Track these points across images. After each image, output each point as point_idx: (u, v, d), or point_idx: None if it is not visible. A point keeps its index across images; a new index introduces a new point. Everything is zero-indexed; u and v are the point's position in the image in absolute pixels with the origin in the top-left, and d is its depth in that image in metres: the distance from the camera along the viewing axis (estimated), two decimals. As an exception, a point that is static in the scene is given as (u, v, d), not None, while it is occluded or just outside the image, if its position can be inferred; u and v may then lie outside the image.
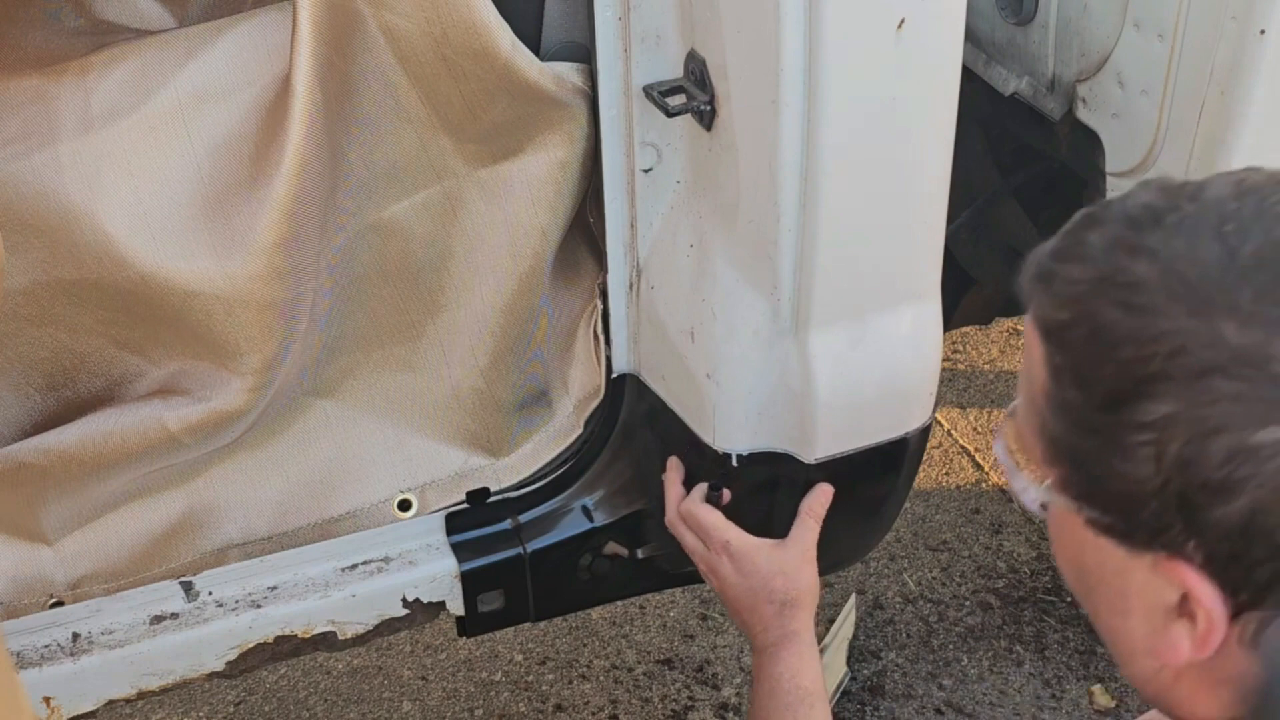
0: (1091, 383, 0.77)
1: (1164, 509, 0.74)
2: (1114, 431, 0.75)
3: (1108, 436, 0.75)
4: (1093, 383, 0.77)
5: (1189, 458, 0.72)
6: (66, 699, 1.42)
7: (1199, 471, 0.72)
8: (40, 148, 1.21)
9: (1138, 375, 0.74)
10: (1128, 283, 0.75)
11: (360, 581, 1.50)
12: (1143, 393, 0.73)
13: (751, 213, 1.29)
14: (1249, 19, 1.33)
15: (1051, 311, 0.79)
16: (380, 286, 1.41)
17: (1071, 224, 0.81)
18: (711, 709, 2.42)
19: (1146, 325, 0.73)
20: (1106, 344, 0.75)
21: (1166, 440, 0.73)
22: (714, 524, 1.40)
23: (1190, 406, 0.72)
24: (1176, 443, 0.72)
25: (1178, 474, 0.73)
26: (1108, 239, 0.78)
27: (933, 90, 1.22)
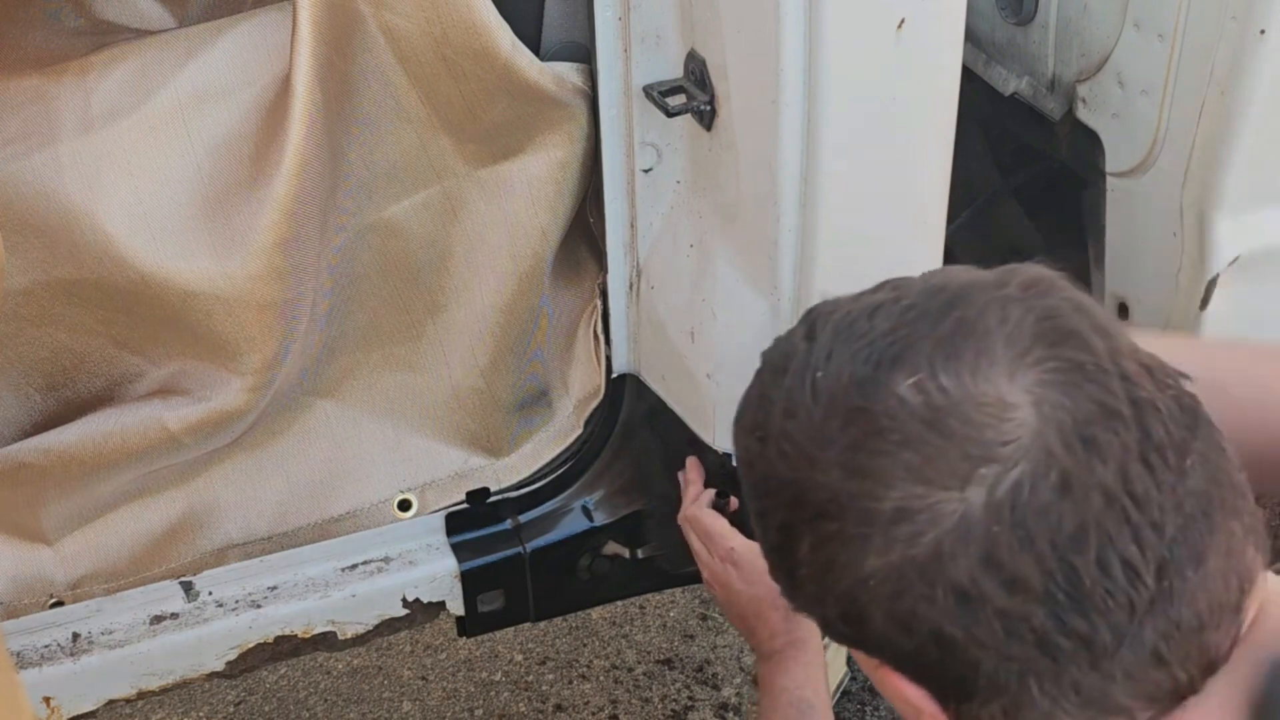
0: (759, 527, 0.86)
1: (842, 634, 0.83)
2: (787, 571, 0.84)
3: (786, 575, 0.85)
4: (759, 527, 0.86)
5: (823, 594, 0.81)
6: (66, 699, 1.42)
7: (835, 604, 0.80)
8: (40, 148, 1.21)
9: (775, 521, 0.83)
10: (761, 436, 0.83)
11: (360, 581, 1.50)
12: (786, 537, 0.82)
13: (751, 213, 1.29)
14: (1249, 19, 1.33)
15: (735, 457, 0.89)
16: (380, 286, 1.41)
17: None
18: (711, 709, 2.42)
19: (770, 474, 0.82)
20: (755, 493, 0.85)
21: (808, 579, 0.82)
22: (718, 531, 1.39)
23: (812, 547, 0.80)
24: (812, 583, 0.81)
25: (826, 607, 0.81)
26: (756, 386, 0.87)
27: (933, 90, 1.22)
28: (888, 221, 1.28)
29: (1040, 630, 0.74)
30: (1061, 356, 0.76)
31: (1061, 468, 0.73)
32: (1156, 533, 0.74)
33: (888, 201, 1.27)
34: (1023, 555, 0.73)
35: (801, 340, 0.83)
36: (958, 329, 0.77)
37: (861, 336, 0.79)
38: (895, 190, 1.26)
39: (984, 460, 0.74)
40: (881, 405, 0.76)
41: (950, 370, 0.75)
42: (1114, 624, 0.74)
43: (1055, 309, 0.79)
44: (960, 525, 0.74)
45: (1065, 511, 0.73)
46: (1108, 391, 0.75)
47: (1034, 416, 0.74)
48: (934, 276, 0.83)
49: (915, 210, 1.29)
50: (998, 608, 0.74)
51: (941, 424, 0.74)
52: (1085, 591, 0.73)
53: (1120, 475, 0.73)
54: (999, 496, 0.73)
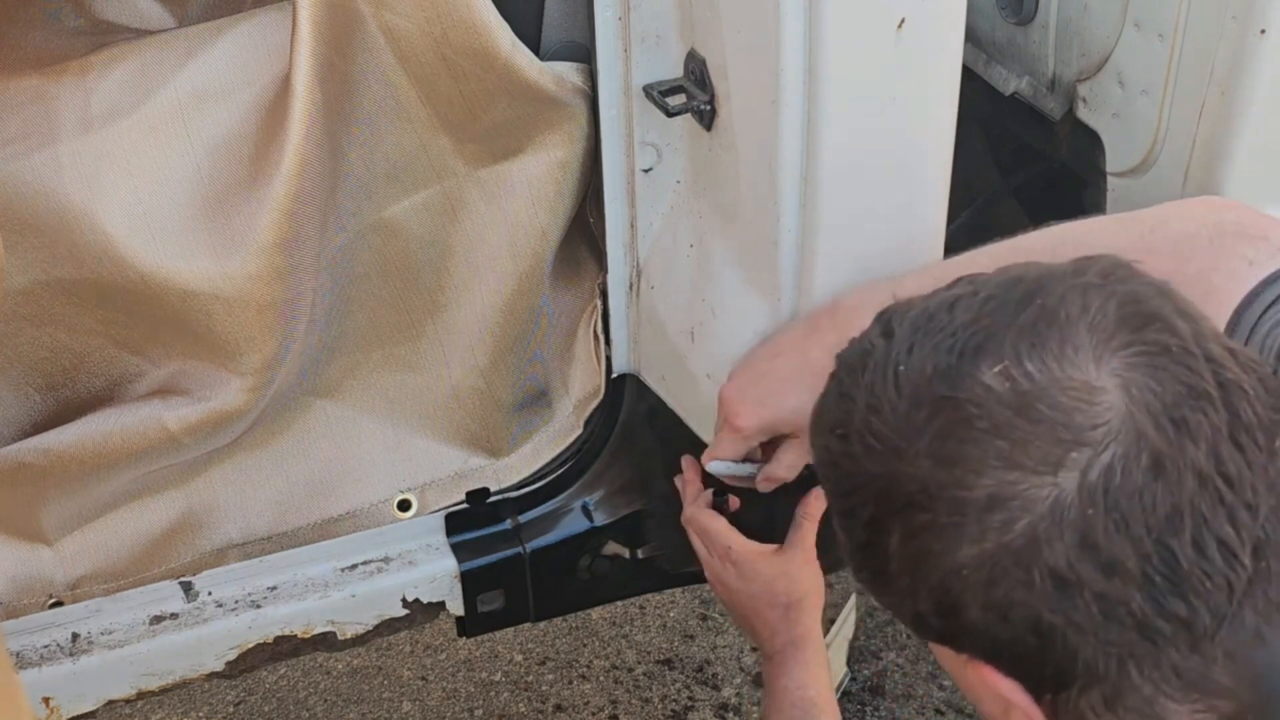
0: (845, 527, 0.86)
1: (934, 629, 0.82)
2: (875, 568, 0.84)
3: (874, 573, 0.84)
4: (845, 527, 0.86)
5: (916, 586, 0.80)
6: (66, 699, 1.42)
7: (928, 597, 0.80)
8: (40, 148, 1.21)
9: (863, 517, 0.82)
10: (843, 434, 0.83)
11: (360, 582, 1.50)
12: (875, 532, 0.82)
13: (751, 213, 1.29)
14: (1249, 19, 1.33)
15: (814, 459, 0.89)
16: (380, 286, 1.41)
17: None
18: (711, 709, 2.42)
19: (856, 471, 0.82)
20: (839, 491, 0.85)
21: (900, 573, 0.81)
22: (716, 530, 1.40)
23: (903, 540, 0.80)
24: (904, 577, 0.81)
25: (918, 600, 0.81)
26: (834, 387, 0.87)
27: (933, 90, 1.22)
28: (888, 221, 1.28)
29: (1139, 614, 0.74)
30: (1146, 340, 0.76)
31: (1153, 450, 0.74)
32: (1251, 513, 0.74)
33: (888, 201, 1.26)
34: (1118, 538, 0.73)
35: (879, 338, 0.84)
36: (1040, 317, 0.78)
37: (942, 329, 0.80)
38: (895, 190, 1.26)
39: (1075, 444, 0.74)
40: (968, 394, 0.76)
41: (1035, 357, 0.76)
42: (1213, 606, 0.74)
43: (1137, 294, 0.79)
44: (1054, 510, 0.74)
45: (1159, 493, 0.73)
46: (1194, 374, 0.75)
47: (1123, 399, 0.75)
48: (1009, 270, 0.84)
49: (915, 210, 1.29)
50: (1095, 591, 0.74)
51: (1030, 409, 0.75)
52: (1183, 574, 0.73)
53: (1212, 456, 0.74)
54: (1092, 480, 0.74)
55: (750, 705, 2.42)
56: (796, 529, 1.38)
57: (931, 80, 1.21)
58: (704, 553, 1.42)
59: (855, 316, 1.20)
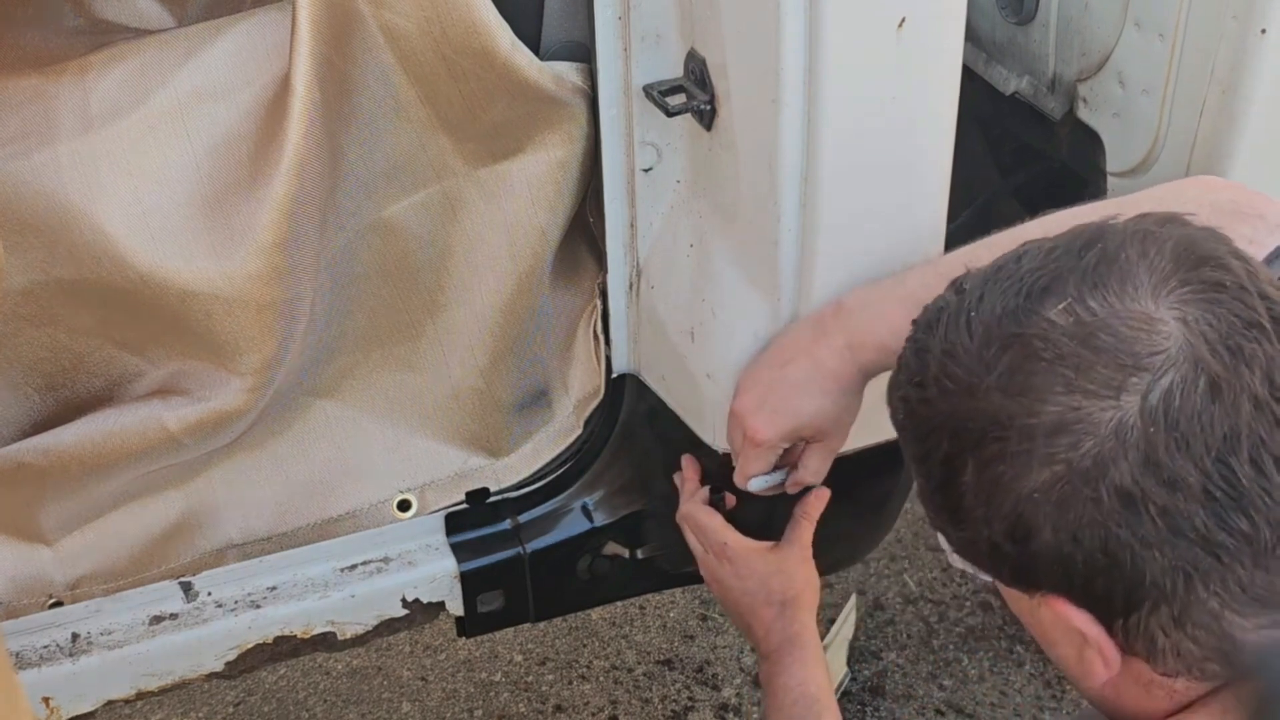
0: (922, 471, 0.90)
1: (1009, 560, 0.85)
2: (951, 506, 0.87)
3: (950, 511, 0.88)
4: (923, 471, 0.90)
5: (990, 515, 0.84)
6: (65, 699, 1.42)
7: (1001, 524, 0.83)
8: (39, 147, 1.21)
9: (938, 456, 0.86)
10: (919, 381, 0.88)
11: (360, 582, 1.50)
12: (950, 469, 0.85)
13: (751, 213, 1.29)
14: (1250, 18, 1.33)
15: (893, 415, 0.94)
16: (380, 286, 1.41)
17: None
18: (711, 709, 2.42)
19: (932, 414, 0.86)
20: (917, 437, 0.89)
21: (974, 505, 0.84)
22: (712, 527, 1.40)
23: (976, 471, 0.83)
24: (981, 506, 0.84)
25: (993, 529, 0.84)
26: (910, 346, 0.91)
27: (933, 89, 1.22)
28: (888, 221, 1.28)
29: (1202, 529, 0.77)
30: (1202, 278, 0.81)
31: (1210, 374, 0.77)
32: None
33: (888, 201, 1.26)
34: (1180, 456, 0.77)
35: (951, 295, 0.89)
36: (1101, 260, 0.82)
37: (1010, 277, 0.85)
38: (895, 190, 1.26)
39: (1135, 369, 0.78)
40: (1035, 329, 0.81)
41: (1097, 295, 0.81)
42: (1273, 520, 0.77)
43: (1192, 236, 0.84)
44: (1119, 431, 0.78)
45: (1217, 415, 0.77)
46: (1248, 308, 0.79)
47: (1180, 329, 0.79)
48: (1070, 229, 0.88)
49: (915, 210, 1.29)
50: (1160, 506, 0.77)
51: (1092, 339, 0.79)
52: (1242, 489, 0.77)
53: (1267, 382, 0.78)
54: (1152, 403, 0.78)
55: (750, 705, 2.42)
56: (794, 526, 1.38)
57: (932, 80, 1.21)
58: (699, 549, 1.42)
59: (861, 315, 1.21)
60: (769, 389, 1.28)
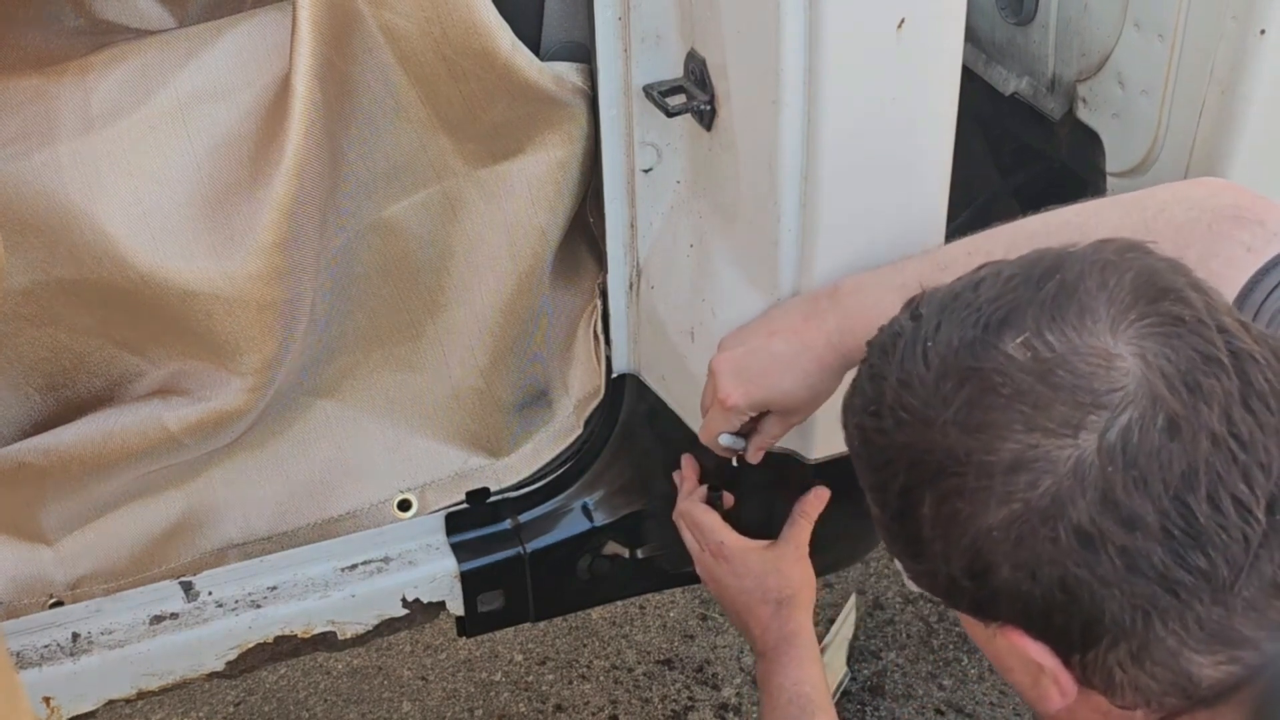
0: (878, 501, 0.88)
1: (967, 593, 0.84)
2: (908, 538, 0.86)
3: (907, 542, 0.87)
4: (879, 501, 0.88)
5: (948, 551, 0.83)
6: (66, 699, 1.42)
7: (959, 560, 0.82)
8: (40, 147, 1.21)
9: (895, 488, 0.85)
10: (875, 411, 0.86)
11: (360, 581, 1.50)
12: (907, 502, 0.84)
13: (751, 213, 1.29)
14: (1249, 19, 1.33)
15: (847, 440, 0.92)
16: (380, 286, 1.41)
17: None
18: (711, 709, 2.42)
19: (888, 445, 0.85)
20: (872, 466, 0.88)
21: (932, 539, 0.83)
22: (709, 525, 1.40)
23: (934, 506, 0.82)
24: (937, 542, 0.83)
25: (951, 564, 0.83)
26: (865, 369, 0.90)
27: (933, 90, 1.22)
28: (888, 221, 1.28)
29: (1160, 566, 0.77)
30: (1161, 311, 0.80)
31: (1168, 412, 0.77)
32: (1264, 472, 0.77)
33: (888, 201, 1.27)
34: (1137, 495, 0.76)
35: (907, 321, 0.87)
36: (1060, 291, 0.81)
37: (967, 306, 0.84)
38: (895, 190, 1.26)
39: (1093, 407, 0.77)
40: (992, 363, 0.80)
41: (1055, 328, 0.80)
42: (1230, 558, 0.77)
43: (1152, 268, 0.83)
44: (1076, 470, 0.77)
45: (1175, 453, 0.76)
46: (1207, 342, 0.79)
47: (1139, 365, 0.78)
48: (1029, 254, 0.87)
49: (915, 210, 1.29)
50: (1118, 545, 0.77)
51: (1050, 376, 0.78)
52: (1200, 528, 0.76)
53: (1225, 418, 0.77)
54: (1110, 440, 0.77)
55: (750, 705, 2.42)
56: (792, 525, 1.38)
57: (931, 80, 1.21)
58: (696, 548, 1.43)
59: (856, 300, 1.21)
60: (749, 355, 1.28)
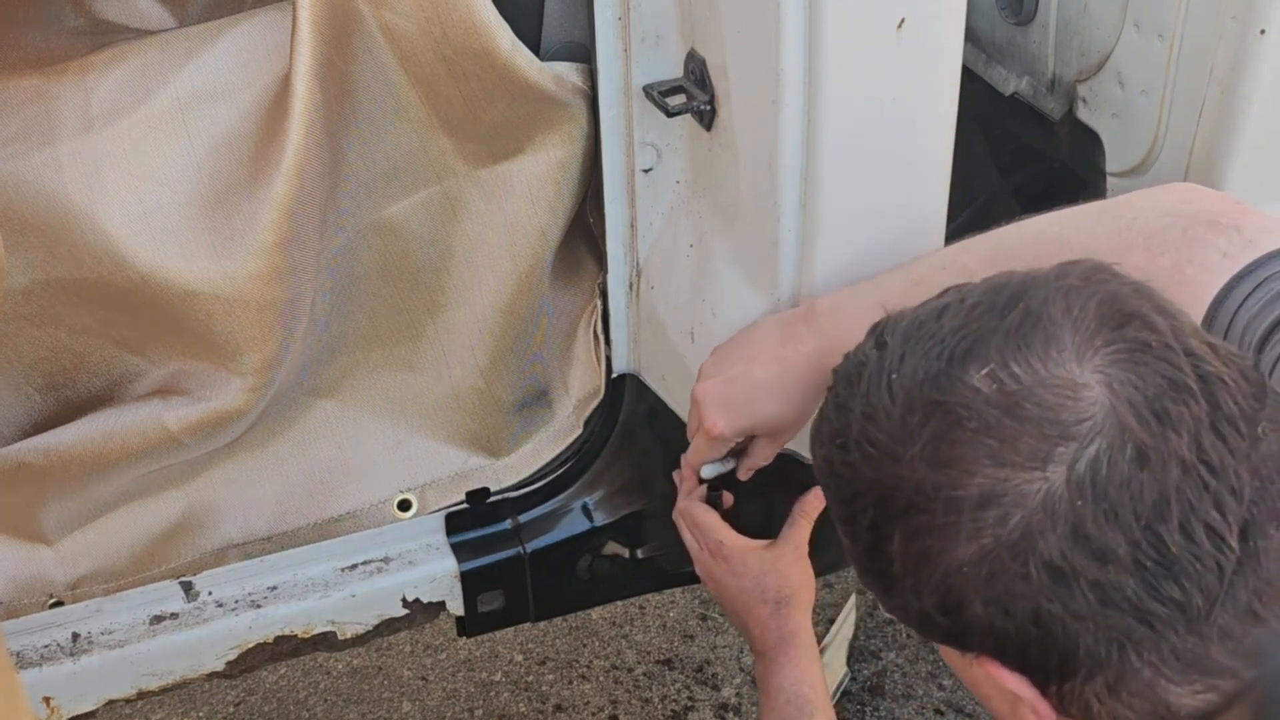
0: (848, 533, 0.88)
1: (940, 627, 0.84)
2: (879, 571, 0.85)
3: (878, 576, 0.86)
4: (849, 533, 0.87)
5: (920, 586, 0.82)
6: (66, 699, 1.42)
7: (931, 596, 0.82)
8: (40, 147, 1.21)
9: (864, 523, 0.84)
10: (841, 443, 0.85)
11: (360, 581, 1.50)
12: (877, 536, 0.84)
13: (751, 213, 1.29)
14: (1249, 19, 1.33)
15: (815, 469, 0.91)
16: (380, 286, 1.41)
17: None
18: (711, 709, 2.42)
19: (856, 478, 0.84)
20: (841, 499, 0.87)
21: (903, 574, 0.83)
22: (708, 525, 1.40)
23: (903, 542, 0.82)
24: (908, 577, 0.83)
25: (923, 600, 0.83)
26: (831, 399, 0.89)
27: (933, 90, 1.22)
28: (888, 221, 1.28)
29: (1134, 598, 0.76)
30: (1127, 338, 0.79)
31: (1137, 441, 0.76)
32: (1235, 498, 0.76)
33: (888, 201, 1.26)
34: (1108, 527, 0.76)
35: (872, 350, 0.86)
36: (1024, 320, 0.80)
37: (931, 336, 0.82)
38: (895, 190, 1.26)
39: (1061, 439, 0.76)
40: (957, 397, 0.79)
41: (1020, 359, 0.79)
42: (1205, 587, 0.76)
43: (1117, 293, 0.82)
44: (1045, 503, 0.76)
45: (1145, 482, 0.75)
46: (1175, 367, 0.78)
47: (1106, 394, 0.77)
48: (993, 278, 0.86)
49: (915, 210, 1.29)
50: (1090, 580, 0.76)
51: (1017, 409, 0.77)
52: (1172, 558, 0.75)
53: (1194, 445, 0.76)
54: (1079, 472, 0.76)
55: (750, 705, 2.42)
56: (791, 525, 1.38)
57: (931, 80, 1.21)
58: (695, 547, 1.43)
59: (833, 320, 1.21)
60: (731, 384, 1.28)
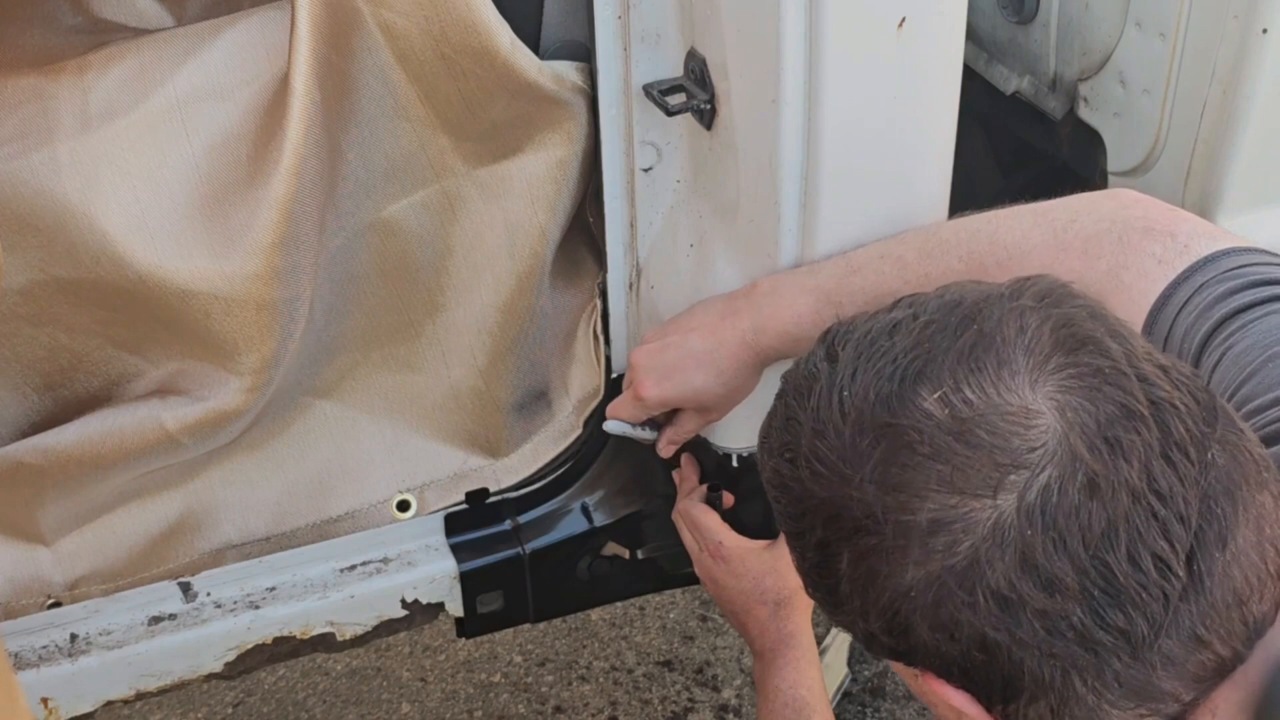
0: (796, 547, 0.88)
1: (886, 647, 0.84)
2: (827, 588, 0.85)
3: (826, 593, 0.86)
4: (797, 547, 0.87)
5: (867, 607, 0.82)
6: (64, 700, 1.42)
7: (878, 618, 0.82)
8: (38, 147, 1.20)
9: (813, 540, 0.84)
10: (790, 458, 0.85)
11: (359, 582, 1.50)
12: (825, 554, 0.84)
13: (751, 213, 1.29)
14: (1251, 18, 1.33)
15: (764, 479, 0.90)
16: (379, 286, 1.41)
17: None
18: (711, 710, 2.42)
19: (805, 495, 0.84)
20: (790, 514, 0.86)
21: (850, 594, 0.83)
22: (708, 525, 1.40)
23: (852, 563, 0.82)
24: (855, 598, 0.83)
25: (869, 621, 0.83)
26: (781, 409, 0.88)
27: (934, 89, 1.22)
28: (888, 221, 1.27)
29: (1079, 626, 0.76)
30: (1080, 363, 0.79)
31: (1088, 469, 0.76)
32: (1184, 525, 0.76)
33: (888, 201, 1.26)
34: (1057, 556, 0.76)
35: (823, 361, 0.85)
36: (978, 341, 0.80)
37: (884, 354, 0.82)
38: (895, 190, 1.26)
39: (1012, 467, 0.76)
40: (909, 420, 0.79)
41: (973, 382, 0.78)
42: (1150, 615, 0.76)
43: (1071, 317, 0.81)
44: (995, 532, 0.76)
45: (1094, 511, 0.75)
46: (1127, 394, 0.78)
47: (1058, 422, 0.77)
48: (948, 292, 0.85)
49: (916, 210, 1.29)
50: (1037, 609, 0.76)
51: (968, 435, 0.77)
52: (1119, 586, 0.76)
53: (1144, 473, 0.76)
54: (1029, 501, 0.76)
55: (750, 706, 2.42)
56: None
57: (932, 80, 1.21)
58: (694, 548, 1.42)
59: (770, 300, 1.23)
60: (666, 350, 1.30)
